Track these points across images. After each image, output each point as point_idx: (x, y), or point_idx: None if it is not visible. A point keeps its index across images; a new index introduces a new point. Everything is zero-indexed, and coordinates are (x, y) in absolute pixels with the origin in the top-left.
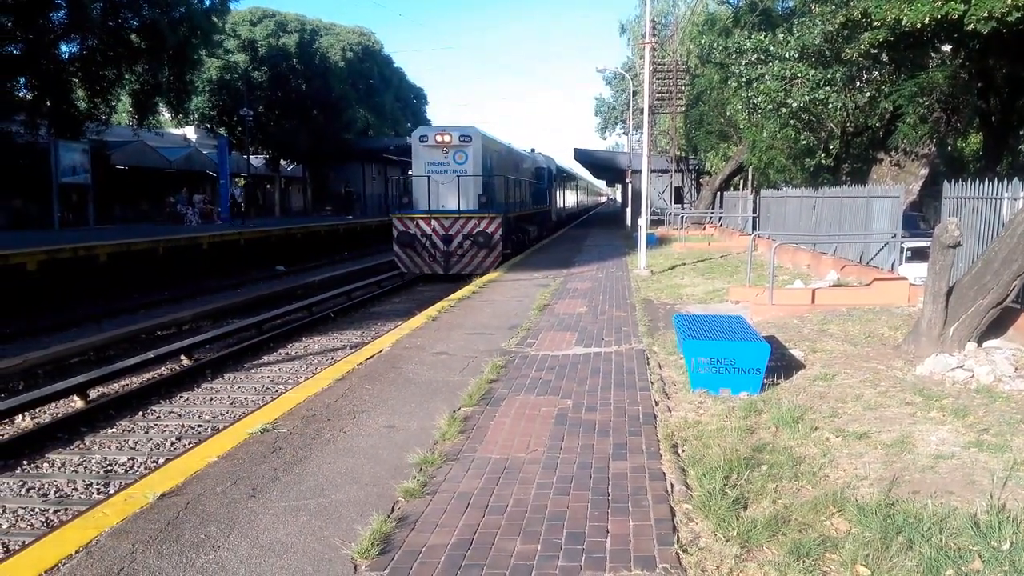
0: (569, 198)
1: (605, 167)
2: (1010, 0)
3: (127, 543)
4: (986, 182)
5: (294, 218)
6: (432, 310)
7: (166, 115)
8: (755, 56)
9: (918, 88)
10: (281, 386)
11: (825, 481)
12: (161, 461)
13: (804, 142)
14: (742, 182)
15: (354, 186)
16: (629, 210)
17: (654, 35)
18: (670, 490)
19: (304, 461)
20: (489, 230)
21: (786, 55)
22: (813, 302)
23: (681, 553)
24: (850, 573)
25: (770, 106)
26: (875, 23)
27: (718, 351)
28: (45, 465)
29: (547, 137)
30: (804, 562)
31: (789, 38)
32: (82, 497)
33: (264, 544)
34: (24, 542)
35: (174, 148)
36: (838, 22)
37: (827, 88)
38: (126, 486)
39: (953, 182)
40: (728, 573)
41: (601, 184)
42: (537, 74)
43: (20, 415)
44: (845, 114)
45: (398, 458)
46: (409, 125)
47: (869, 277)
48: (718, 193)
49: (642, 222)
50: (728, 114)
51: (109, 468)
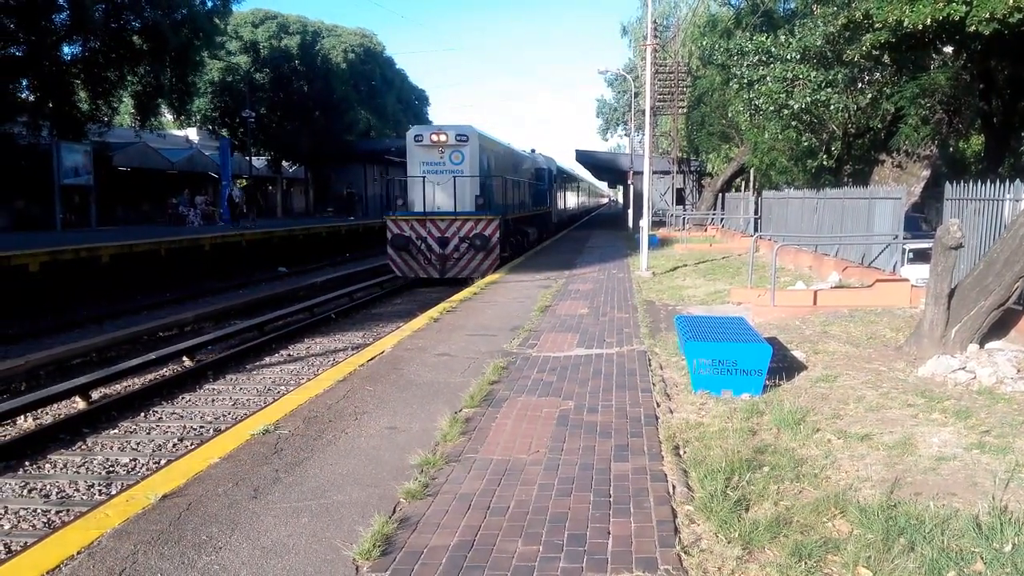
0: (570, 199)
1: (607, 168)
2: (1012, 1)
3: (129, 544)
4: (988, 183)
5: (296, 219)
6: (434, 311)
7: (168, 117)
8: (757, 57)
9: (920, 89)
10: (283, 387)
11: (827, 483)
12: (163, 462)
13: (806, 143)
14: (744, 183)
15: (356, 188)
16: (631, 211)
17: (656, 36)
18: (672, 491)
19: (306, 462)
20: (486, 232)
21: (788, 56)
22: (815, 303)
23: (683, 555)
24: (852, 575)
25: (772, 107)
26: (877, 24)
27: (720, 352)
28: (47, 466)
29: (549, 139)
30: (806, 564)
31: (791, 39)
32: (84, 498)
33: (266, 545)
34: (26, 543)
35: (176, 149)
36: (840, 23)
37: (829, 89)
38: (128, 487)
39: (955, 183)
40: (730, 575)
41: (603, 186)
42: (539, 75)
43: (22, 416)
44: (847, 115)
45: (400, 459)
46: (411, 127)
47: (871, 278)
48: (720, 194)
49: (644, 223)
50: (730, 115)
51: (111, 469)
